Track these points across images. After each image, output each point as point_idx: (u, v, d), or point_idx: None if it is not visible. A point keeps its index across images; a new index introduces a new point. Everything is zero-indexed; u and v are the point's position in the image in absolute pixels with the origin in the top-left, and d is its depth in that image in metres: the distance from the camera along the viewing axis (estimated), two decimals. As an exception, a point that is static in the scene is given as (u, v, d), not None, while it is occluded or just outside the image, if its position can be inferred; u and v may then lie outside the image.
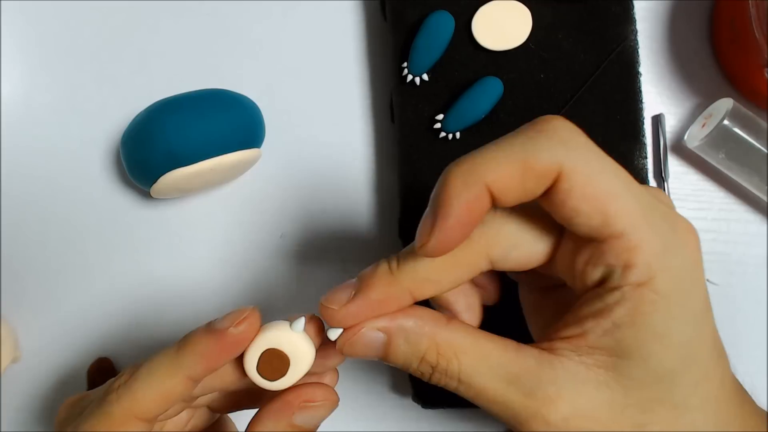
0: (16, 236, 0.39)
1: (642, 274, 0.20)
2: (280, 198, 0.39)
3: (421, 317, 0.22)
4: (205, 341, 0.22)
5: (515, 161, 0.19)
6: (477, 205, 0.20)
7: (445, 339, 0.21)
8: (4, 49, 0.39)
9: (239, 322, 0.22)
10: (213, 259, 0.39)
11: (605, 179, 0.20)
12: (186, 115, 0.34)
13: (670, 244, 0.20)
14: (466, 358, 0.21)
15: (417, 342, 0.21)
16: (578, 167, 0.19)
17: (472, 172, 0.19)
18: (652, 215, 0.20)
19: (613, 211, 0.19)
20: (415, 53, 0.35)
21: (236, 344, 0.22)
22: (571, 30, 0.35)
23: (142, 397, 0.22)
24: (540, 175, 0.19)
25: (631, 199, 0.20)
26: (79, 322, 0.38)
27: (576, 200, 0.19)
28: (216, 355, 0.22)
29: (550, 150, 0.19)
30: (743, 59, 0.36)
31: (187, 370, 0.22)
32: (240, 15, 0.40)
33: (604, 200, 0.19)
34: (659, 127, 0.38)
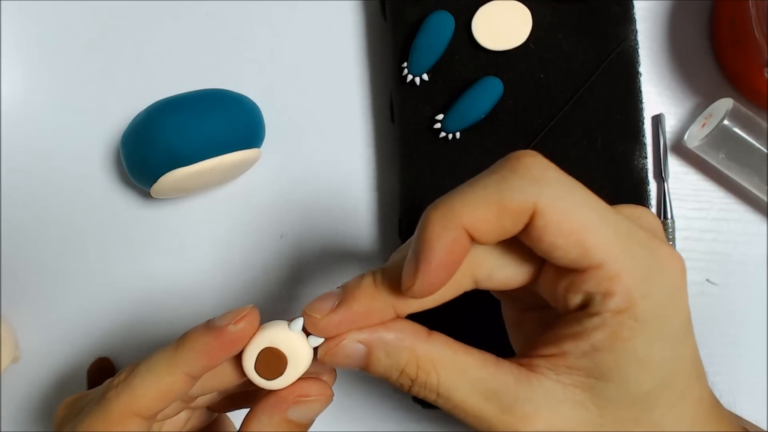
0: (16, 236, 0.39)
1: (622, 301, 0.20)
2: (280, 198, 0.39)
3: (402, 330, 0.22)
4: (204, 338, 0.22)
5: (490, 202, 0.20)
6: (457, 247, 0.20)
7: (424, 353, 0.21)
8: (4, 49, 0.39)
9: (238, 320, 0.22)
10: (213, 259, 0.39)
11: (580, 213, 0.20)
12: (186, 115, 0.34)
13: (650, 272, 0.20)
14: (445, 372, 0.21)
15: (397, 355, 0.21)
16: (552, 204, 0.20)
17: (449, 216, 0.20)
18: (631, 244, 0.20)
19: (590, 244, 0.20)
20: (415, 53, 0.35)
21: (235, 342, 0.22)
22: (571, 30, 0.35)
23: (141, 394, 0.22)
24: (515, 214, 0.20)
25: (607, 230, 0.20)
26: (79, 322, 0.38)
27: (552, 236, 0.20)
28: (214, 352, 0.22)
29: (523, 189, 0.20)
30: (743, 59, 0.36)
31: (185, 366, 0.22)
32: (240, 15, 0.40)
33: (581, 234, 0.20)
34: (659, 127, 0.38)
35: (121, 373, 0.23)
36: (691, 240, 0.38)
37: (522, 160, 0.21)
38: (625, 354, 0.20)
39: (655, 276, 0.20)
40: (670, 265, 0.21)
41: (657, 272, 0.20)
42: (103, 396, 0.22)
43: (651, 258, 0.20)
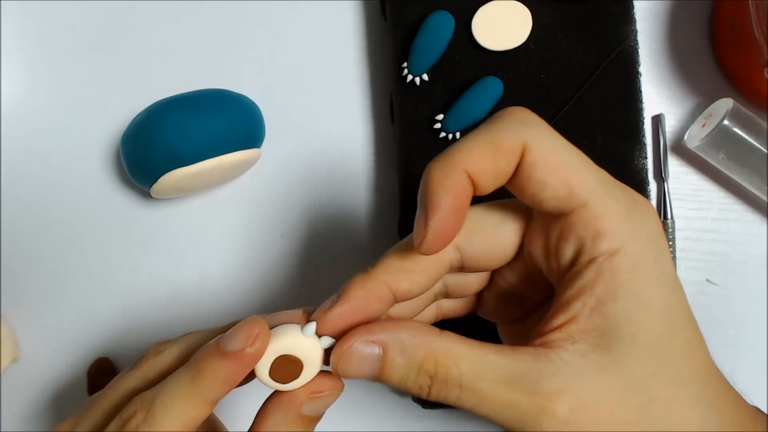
0: (16, 236, 0.39)
1: (612, 241, 0.21)
2: (280, 198, 0.39)
3: (414, 328, 0.22)
4: (222, 367, 0.22)
5: (485, 144, 0.21)
6: (461, 190, 0.21)
7: (441, 346, 0.21)
8: (4, 49, 0.39)
9: (253, 341, 0.22)
10: (213, 259, 0.39)
11: (564, 152, 0.21)
12: (186, 115, 0.34)
13: (632, 212, 0.21)
14: (465, 363, 0.21)
15: (413, 351, 0.21)
16: (538, 141, 0.21)
17: (449, 162, 0.21)
18: (610, 186, 0.22)
19: (575, 181, 0.21)
20: (415, 53, 0.35)
21: (253, 361, 0.22)
22: (571, 30, 0.35)
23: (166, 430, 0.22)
24: (508, 152, 0.21)
25: (589, 171, 0.22)
26: (79, 322, 0.38)
27: (541, 173, 0.21)
28: (234, 377, 0.22)
29: (513, 130, 0.21)
30: (743, 59, 0.36)
31: (208, 396, 0.22)
32: (240, 15, 0.40)
33: (566, 171, 0.21)
34: (659, 127, 0.38)
35: (136, 414, 0.22)
36: (691, 240, 0.38)
37: (510, 111, 0.22)
38: (629, 299, 0.20)
39: (637, 216, 0.21)
40: (647, 209, 0.22)
41: (638, 213, 0.21)
42: None
43: (630, 200, 0.22)
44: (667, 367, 0.21)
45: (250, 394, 0.25)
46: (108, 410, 0.24)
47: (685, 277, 0.38)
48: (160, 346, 0.25)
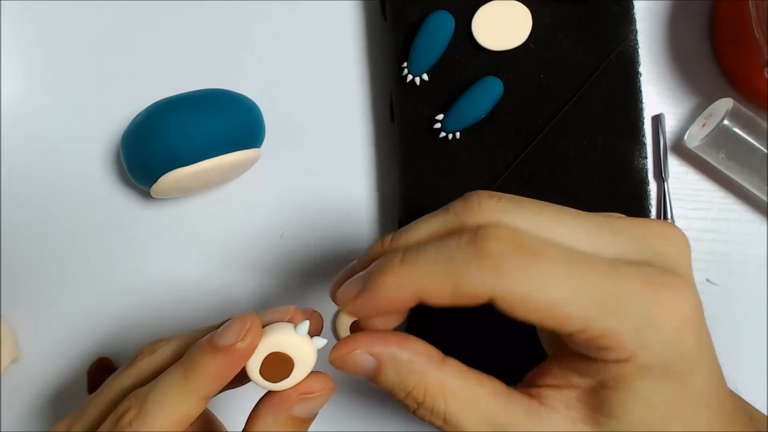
0: (15, 236, 0.39)
1: (620, 353, 0.19)
2: (280, 198, 0.39)
3: (416, 351, 0.21)
4: (214, 361, 0.22)
5: (447, 282, 0.20)
6: (401, 304, 0.20)
7: (435, 380, 0.21)
8: (4, 49, 0.39)
9: (244, 335, 0.22)
10: (213, 259, 0.39)
11: (545, 292, 0.19)
12: (186, 115, 0.34)
13: (645, 324, 0.19)
14: (455, 402, 0.21)
15: (406, 377, 0.21)
16: (509, 292, 0.19)
17: (406, 277, 0.20)
18: (615, 303, 0.19)
19: (563, 315, 0.19)
20: (415, 53, 0.35)
21: (244, 357, 0.22)
22: (571, 30, 0.35)
23: (159, 427, 0.22)
24: (471, 297, 0.20)
25: (582, 299, 0.19)
26: (79, 322, 0.38)
27: (520, 312, 0.19)
28: (226, 373, 0.22)
29: (481, 276, 0.19)
30: (743, 59, 0.36)
31: (201, 392, 0.22)
32: (240, 15, 0.40)
33: (550, 310, 0.19)
34: (659, 127, 0.38)
35: (129, 410, 0.22)
36: (691, 240, 0.38)
37: (486, 243, 0.19)
38: (629, 393, 0.20)
39: (651, 327, 0.19)
40: (670, 311, 0.20)
41: (653, 323, 0.19)
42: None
43: (645, 309, 0.19)
44: None
45: (247, 394, 0.25)
46: (103, 408, 0.24)
47: (685, 277, 0.38)
48: (154, 344, 0.25)
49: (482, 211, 0.21)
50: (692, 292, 0.20)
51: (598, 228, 0.21)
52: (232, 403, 0.30)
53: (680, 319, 0.20)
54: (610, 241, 0.21)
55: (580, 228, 0.21)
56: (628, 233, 0.21)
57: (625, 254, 0.20)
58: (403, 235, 0.22)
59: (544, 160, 0.35)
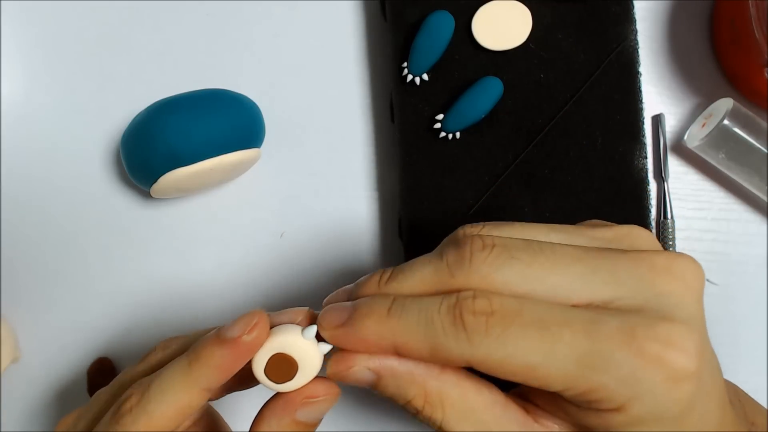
0: (15, 236, 0.39)
1: (609, 405, 0.19)
2: (280, 198, 0.39)
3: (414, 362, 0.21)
4: (219, 353, 0.22)
5: (425, 344, 0.20)
6: (379, 350, 0.21)
7: (434, 389, 0.21)
8: (4, 49, 0.39)
9: (251, 329, 0.22)
10: (213, 258, 0.39)
11: (520, 358, 0.19)
12: (186, 115, 0.34)
13: (630, 377, 0.19)
14: (452, 411, 0.21)
15: (405, 388, 0.21)
16: (485, 362, 0.20)
17: (386, 335, 0.21)
18: (595, 359, 0.19)
19: (543, 377, 0.19)
20: (415, 53, 0.35)
21: (249, 351, 0.22)
22: (571, 30, 0.35)
23: (159, 416, 0.22)
24: (446, 361, 0.20)
25: (559, 360, 0.19)
26: (79, 322, 0.38)
27: (501, 376, 0.20)
28: (230, 365, 0.22)
29: (457, 345, 0.20)
30: (743, 59, 0.36)
31: (203, 383, 0.22)
32: (240, 15, 0.40)
33: (527, 373, 0.19)
34: (659, 127, 0.38)
35: (131, 396, 0.22)
36: (691, 240, 0.38)
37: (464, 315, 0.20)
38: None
39: (637, 381, 0.19)
40: (659, 363, 0.19)
41: (640, 377, 0.19)
42: (118, 422, 0.22)
43: (628, 364, 0.19)
44: None
45: (252, 396, 0.25)
46: (109, 399, 0.24)
47: (685, 277, 0.38)
48: (168, 341, 0.25)
49: (472, 267, 0.21)
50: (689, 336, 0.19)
51: (593, 272, 0.20)
52: (238, 405, 0.30)
53: (670, 371, 0.19)
54: (605, 284, 0.20)
55: (575, 274, 0.20)
56: (628, 273, 0.20)
57: (620, 299, 0.20)
58: (398, 277, 0.22)
59: (544, 160, 0.35)
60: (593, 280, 0.20)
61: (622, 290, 0.20)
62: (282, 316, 0.24)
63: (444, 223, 0.35)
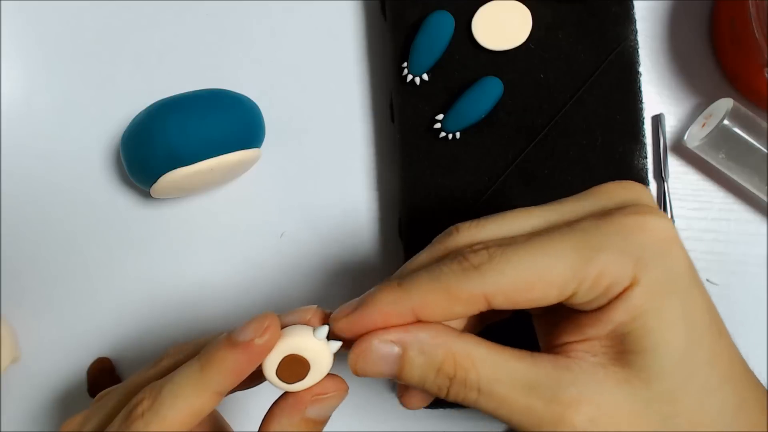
0: (16, 236, 0.39)
1: (623, 281, 0.20)
2: (280, 198, 0.39)
3: (434, 329, 0.22)
4: (231, 356, 0.22)
5: (440, 291, 0.21)
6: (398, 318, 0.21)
7: (461, 348, 0.21)
8: (4, 49, 0.39)
9: (263, 332, 0.22)
10: (213, 258, 0.39)
11: (530, 267, 0.20)
12: (186, 115, 0.34)
13: (632, 248, 0.20)
14: (485, 366, 0.21)
15: (433, 352, 0.21)
16: (499, 285, 0.20)
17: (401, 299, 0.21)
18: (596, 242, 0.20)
19: (558, 279, 0.20)
20: (415, 53, 0.35)
21: (261, 354, 0.22)
22: (571, 30, 0.35)
23: (172, 420, 0.22)
24: (465, 301, 0.21)
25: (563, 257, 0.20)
26: (79, 322, 0.38)
27: (520, 300, 0.20)
28: (242, 368, 0.22)
29: (469, 281, 0.21)
30: (743, 59, 0.36)
31: (215, 386, 0.22)
32: (240, 15, 0.40)
33: (543, 281, 0.20)
34: (659, 127, 0.38)
35: (143, 401, 0.22)
36: (691, 240, 0.38)
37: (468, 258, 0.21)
38: (647, 320, 0.20)
39: (640, 247, 0.20)
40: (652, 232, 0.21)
41: (641, 243, 0.20)
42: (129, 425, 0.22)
43: (618, 232, 0.20)
44: (694, 378, 0.21)
45: (258, 396, 0.25)
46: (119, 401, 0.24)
47: (685, 277, 0.38)
48: (179, 346, 0.25)
49: (460, 234, 0.23)
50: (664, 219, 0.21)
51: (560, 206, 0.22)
52: (243, 405, 0.30)
53: (657, 232, 0.21)
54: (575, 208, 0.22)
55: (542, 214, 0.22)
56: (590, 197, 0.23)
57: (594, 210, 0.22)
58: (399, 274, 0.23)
59: (544, 160, 0.35)
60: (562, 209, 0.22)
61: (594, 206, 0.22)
62: (291, 316, 0.24)
63: (444, 223, 0.35)
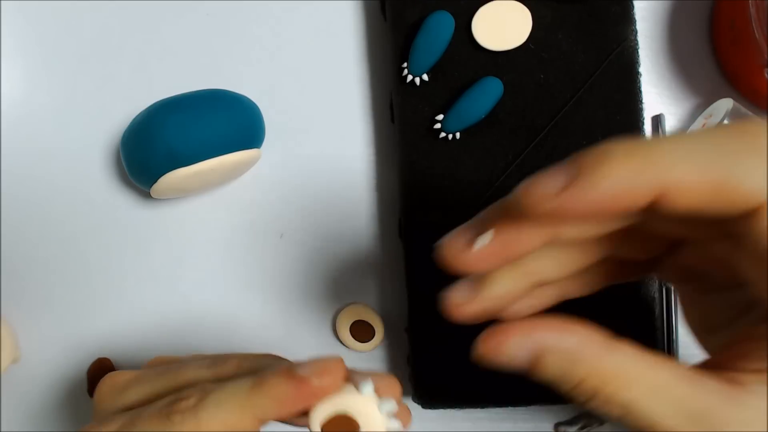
0: (16, 236, 0.39)
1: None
2: (280, 198, 0.39)
3: (583, 336, 0.18)
4: (284, 387, 0.21)
5: (712, 172, 0.15)
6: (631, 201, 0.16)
7: (611, 366, 0.18)
8: (4, 49, 0.39)
9: (323, 373, 0.21)
10: (213, 259, 0.39)
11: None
12: (186, 115, 0.34)
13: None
14: (639, 389, 0.18)
15: (574, 367, 0.18)
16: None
17: (650, 163, 0.15)
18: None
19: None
20: (415, 53, 0.35)
21: (316, 395, 0.21)
22: (571, 30, 0.35)
23: (206, 426, 0.21)
24: (734, 201, 0.16)
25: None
26: (79, 322, 0.38)
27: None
28: (291, 402, 0.21)
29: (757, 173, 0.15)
30: (743, 59, 0.36)
31: (258, 411, 0.21)
32: (240, 15, 0.40)
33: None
34: (659, 127, 0.38)
35: (189, 398, 0.22)
36: (691, 240, 0.38)
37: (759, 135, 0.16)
38: None
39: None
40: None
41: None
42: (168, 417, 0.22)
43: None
44: None
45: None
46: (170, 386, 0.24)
47: (685, 277, 0.38)
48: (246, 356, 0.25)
49: None
50: None
51: None
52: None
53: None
54: None
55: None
56: None
57: None
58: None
59: (544, 160, 0.35)
60: None
61: None
62: (362, 376, 0.22)
63: (444, 223, 0.35)
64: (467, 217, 0.23)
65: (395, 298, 0.39)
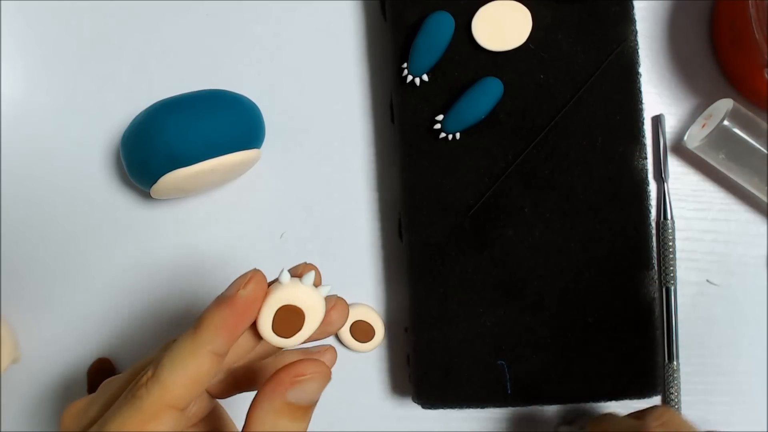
0: (16, 236, 0.39)
1: None
2: (280, 198, 0.39)
3: None
4: (219, 312, 0.22)
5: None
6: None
7: None
8: (4, 49, 0.39)
9: (245, 284, 0.22)
10: (212, 259, 0.39)
11: None
12: (186, 115, 0.34)
13: None
14: None
15: None
16: None
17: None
18: None
19: None
20: (415, 53, 0.35)
21: (249, 306, 0.22)
22: (571, 30, 0.35)
23: (172, 385, 0.22)
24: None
25: None
26: (79, 322, 0.38)
27: None
28: (233, 323, 0.22)
29: None
30: (743, 59, 0.36)
31: (209, 345, 0.22)
32: (240, 15, 0.40)
33: None
34: (659, 127, 0.38)
35: (146, 372, 0.22)
36: (691, 240, 0.38)
37: None
38: None
39: None
40: None
41: None
42: (134, 395, 0.22)
43: None
44: None
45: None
46: (123, 385, 0.24)
47: (685, 277, 0.38)
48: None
49: None
50: None
51: None
52: (243, 407, 0.30)
53: None
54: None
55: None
56: None
57: None
58: None
59: (544, 160, 0.35)
60: None
61: None
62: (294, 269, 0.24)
63: (444, 223, 0.35)
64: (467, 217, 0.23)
65: (395, 298, 0.39)
